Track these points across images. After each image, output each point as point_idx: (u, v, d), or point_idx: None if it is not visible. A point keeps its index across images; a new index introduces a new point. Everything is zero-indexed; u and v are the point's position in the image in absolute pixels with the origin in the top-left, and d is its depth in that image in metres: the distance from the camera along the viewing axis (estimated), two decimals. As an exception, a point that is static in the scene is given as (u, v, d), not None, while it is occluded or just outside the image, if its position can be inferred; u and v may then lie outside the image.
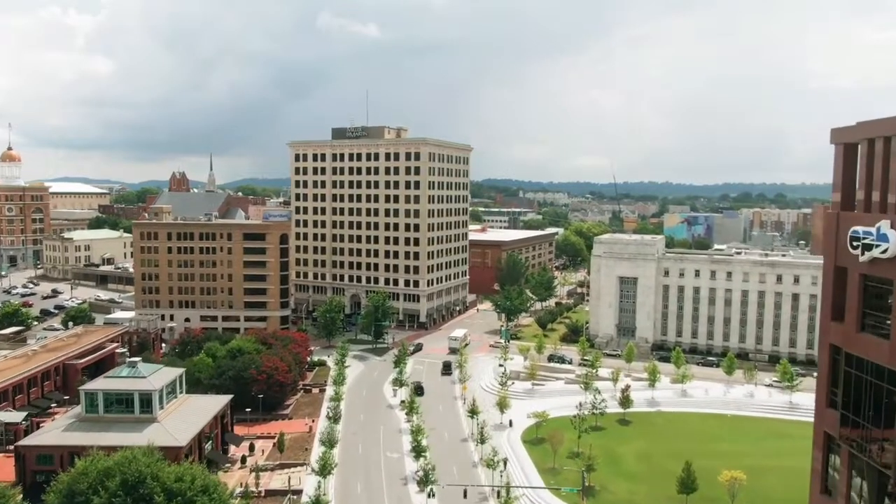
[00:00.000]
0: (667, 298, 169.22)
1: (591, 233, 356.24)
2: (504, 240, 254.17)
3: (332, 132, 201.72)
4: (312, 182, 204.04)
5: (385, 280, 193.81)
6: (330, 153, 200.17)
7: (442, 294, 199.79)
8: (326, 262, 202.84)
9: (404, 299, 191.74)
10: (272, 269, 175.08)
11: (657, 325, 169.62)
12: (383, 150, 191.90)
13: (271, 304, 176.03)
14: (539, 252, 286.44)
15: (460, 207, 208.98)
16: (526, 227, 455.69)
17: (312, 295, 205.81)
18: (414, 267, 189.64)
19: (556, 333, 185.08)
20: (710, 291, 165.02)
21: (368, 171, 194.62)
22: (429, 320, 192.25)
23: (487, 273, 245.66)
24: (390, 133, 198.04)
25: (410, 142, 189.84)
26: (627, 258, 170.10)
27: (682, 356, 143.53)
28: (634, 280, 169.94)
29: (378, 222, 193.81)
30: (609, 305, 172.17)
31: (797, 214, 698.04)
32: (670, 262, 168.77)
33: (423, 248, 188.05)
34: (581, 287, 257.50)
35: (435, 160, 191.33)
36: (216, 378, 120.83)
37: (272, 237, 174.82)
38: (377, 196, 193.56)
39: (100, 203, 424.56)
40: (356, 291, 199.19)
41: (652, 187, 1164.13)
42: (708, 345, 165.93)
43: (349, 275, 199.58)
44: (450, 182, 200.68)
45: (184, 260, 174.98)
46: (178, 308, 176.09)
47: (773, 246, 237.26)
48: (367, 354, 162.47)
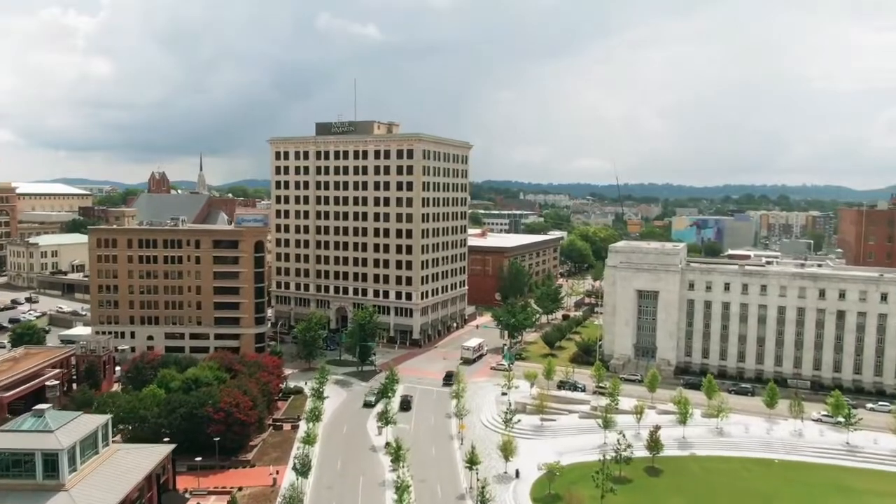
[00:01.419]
0: (691, 315, 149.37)
1: (596, 237, 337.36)
2: (506, 246, 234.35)
3: (316, 127, 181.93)
4: (294, 183, 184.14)
5: (374, 292, 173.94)
6: (313, 151, 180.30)
7: (438, 307, 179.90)
8: (310, 272, 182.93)
9: (396, 313, 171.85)
10: (246, 281, 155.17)
11: (680, 345, 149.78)
12: (372, 147, 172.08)
13: (245, 319, 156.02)
14: (543, 258, 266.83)
15: (458, 211, 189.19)
16: (528, 230, 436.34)
17: (294, 308, 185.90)
18: (406, 278, 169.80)
19: (566, 352, 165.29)
20: (742, 307, 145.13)
21: (356, 171, 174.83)
22: (423, 337, 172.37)
23: (488, 282, 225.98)
24: (380, 128, 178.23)
25: (403, 138, 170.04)
26: (647, 269, 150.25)
27: (714, 385, 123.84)
28: (655, 294, 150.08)
29: (367, 228, 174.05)
30: (626, 323, 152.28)
31: (805, 217, 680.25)
32: (696, 274, 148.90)
33: (416, 256, 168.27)
34: (590, 297, 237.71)
35: (430, 158, 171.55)
36: (165, 416, 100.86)
37: (246, 244, 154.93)
38: (366, 198, 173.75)
39: (81, 205, 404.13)
40: (342, 304, 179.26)
41: (652, 189, 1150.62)
42: (738, 368, 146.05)
43: (335, 286, 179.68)
44: (447, 183, 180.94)
45: (146, 270, 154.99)
46: (140, 325, 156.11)
47: (806, 254, 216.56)
48: (350, 380, 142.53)
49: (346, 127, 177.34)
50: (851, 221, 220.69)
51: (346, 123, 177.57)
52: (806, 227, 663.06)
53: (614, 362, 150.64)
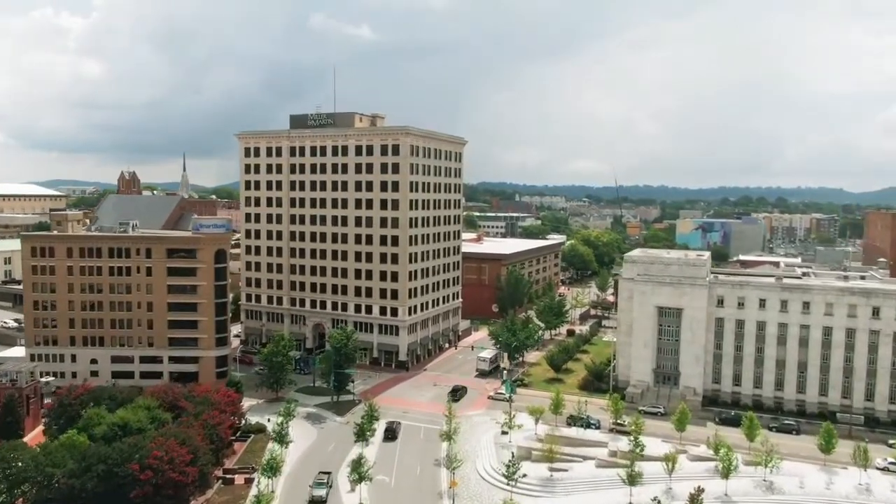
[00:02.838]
0: (721, 336, 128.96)
1: (599, 241, 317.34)
2: (504, 252, 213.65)
3: (291, 120, 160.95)
4: (266, 183, 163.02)
5: (356, 307, 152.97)
6: (287, 146, 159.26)
7: (428, 324, 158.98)
8: (283, 284, 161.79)
9: (380, 331, 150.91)
10: (205, 296, 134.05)
11: (708, 370, 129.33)
12: (353, 142, 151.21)
13: (204, 340, 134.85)
14: (544, 265, 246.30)
15: (451, 214, 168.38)
16: (525, 233, 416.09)
17: (266, 324, 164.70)
18: (392, 291, 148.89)
19: (573, 376, 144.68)
20: (780, 327, 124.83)
21: (335, 169, 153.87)
22: (411, 358, 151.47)
23: (485, 292, 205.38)
24: (362, 121, 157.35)
25: (388, 131, 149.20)
26: (669, 283, 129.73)
27: (757, 424, 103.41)
28: (678, 312, 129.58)
29: (347, 234, 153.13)
30: (644, 344, 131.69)
31: (809, 220, 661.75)
32: (726, 289, 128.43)
33: (403, 266, 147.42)
34: (595, 308, 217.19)
35: (419, 155, 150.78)
36: (78, 476, 79.70)
37: (205, 253, 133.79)
38: (346, 200, 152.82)
39: (53, 207, 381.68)
40: (320, 320, 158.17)
41: (648, 191, 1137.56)
42: (776, 398, 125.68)
43: (311, 299, 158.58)
44: (438, 183, 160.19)
45: (89, 283, 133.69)
46: (82, 346, 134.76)
47: (844, 264, 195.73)
48: (324, 413, 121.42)
49: (324, 119, 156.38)
50: (885, 226, 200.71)
51: (324, 116, 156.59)
52: (810, 230, 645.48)
53: (631, 391, 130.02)
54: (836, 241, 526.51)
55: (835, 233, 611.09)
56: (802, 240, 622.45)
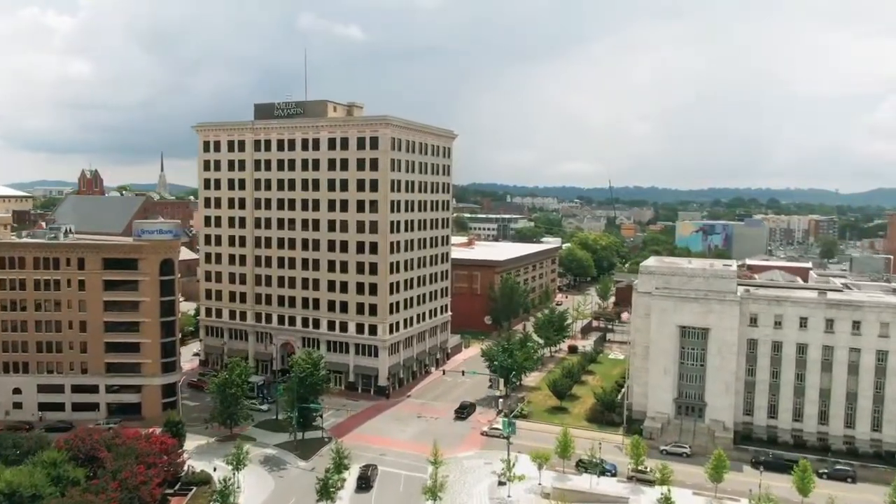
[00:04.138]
0: (754, 360, 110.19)
1: (597, 245, 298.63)
2: (498, 259, 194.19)
3: (255, 110, 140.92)
4: (228, 182, 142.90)
5: (329, 324, 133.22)
6: (251, 139, 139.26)
7: (412, 342, 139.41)
8: (247, 296, 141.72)
9: (357, 352, 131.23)
10: (149, 314, 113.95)
11: (739, 401, 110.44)
12: (326, 135, 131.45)
13: (148, 366, 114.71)
14: (540, 272, 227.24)
15: (439, 217, 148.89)
16: (518, 236, 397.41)
17: (229, 342, 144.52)
18: (370, 305, 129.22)
19: (579, 405, 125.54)
20: (825, 351, 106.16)
21: (305, 166, 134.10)
22: (392, 382, 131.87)
23: (477, 303, 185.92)
24: (337, 111, 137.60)
25: (365, 121, 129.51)
26: (693, 298, 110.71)
27: (811, 474, 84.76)
28: (704, 332, 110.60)
29: (319, 240, 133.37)
30: (664, 370, 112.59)
31: (808, 221, 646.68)
32: (760, 305, 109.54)
33: (383, 277, 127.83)
34: (598, 320, 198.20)
35: (402, 149, 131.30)
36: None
37: (148, 264, 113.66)
38: (317, 202, 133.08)
39: (17, 208, 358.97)
40: (289, 338, 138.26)
41: (638, 192, 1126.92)
42: (820, 434, 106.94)
43: (279, 315, 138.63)
44: (423, 181, 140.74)
45: (10, 299, 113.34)
46: (3, 374, 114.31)
47: (884, 273, 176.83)
48: (286, 457, 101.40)
49: (293, 109, 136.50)
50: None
51: (293, 104, 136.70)
52: (808, 232, 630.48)
53: (649, 424, 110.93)
54: (839, 242, 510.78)
55: (834, 234, 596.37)
56: (801, 242, 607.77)
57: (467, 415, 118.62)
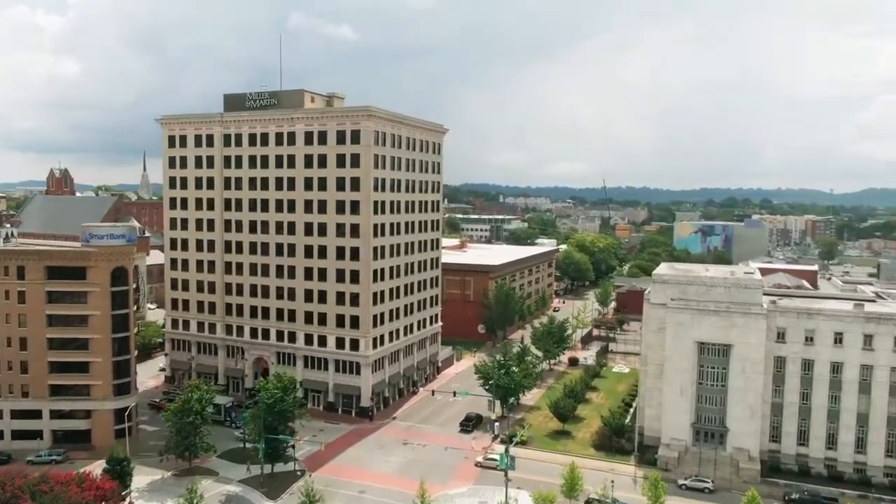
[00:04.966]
0: (781, 381, 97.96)
1: (595, 247, 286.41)
2: (492, 263, 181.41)
3: (225, 101, 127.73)
4: (195, 180, 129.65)
5: (306, 337, 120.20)
6: (220, 133, 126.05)
7: (399, 357, 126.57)
8: (217, 307, 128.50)
9: (337, 369, 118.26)
10: (99, 329, 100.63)
11: (765, 426, 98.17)
12: (302, 128, 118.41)
13: (98, 389, 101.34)
14: (537, 276, 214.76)
15: (428, 219, 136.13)
16: (512, 237, 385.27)
17: (197, 356, 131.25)
18: (352, 317, 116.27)
19: (583, 427, 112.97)
20: (863, 370, 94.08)
21: (279, 163, 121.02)
22: (376, 403, 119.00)
23: (469, 310, 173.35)
24: (315, 101, 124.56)
25: (345, 113, 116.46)
26: (714, 311, 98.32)
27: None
28: (725, 349, 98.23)
29: (295, 245, 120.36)
30: (680, 391, 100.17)
31: (805, 221, 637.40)
32: (789, 319, 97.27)
33: (366, 286, 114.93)
34: (599, 328, 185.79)
35: (386, 144, 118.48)
36: None
37: (98, 273, 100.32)
38: (293, 202, 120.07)
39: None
40: (262, 353, 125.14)
41: (631, 192, 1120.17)
42: (857, 464, 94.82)
43: (251, 327, 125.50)
44: (411, 180, 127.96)
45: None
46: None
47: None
48: (249, 494, 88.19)
49: (266, 100, 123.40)
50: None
51: (266, 94, 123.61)
52: (805, 233, 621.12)
53: (664, 453, 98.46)
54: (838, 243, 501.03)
55: (832, 235, 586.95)
56: (798, 243, 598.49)
57: (473, 427, 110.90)
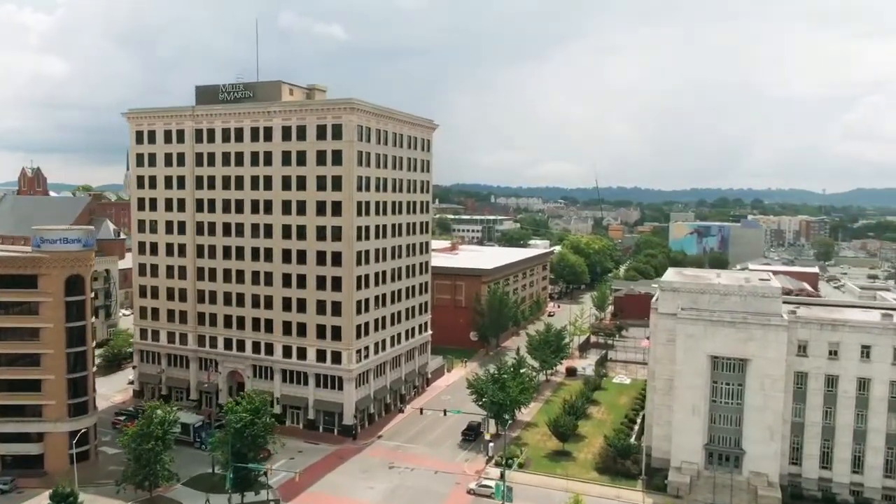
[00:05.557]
0: (803, 398, 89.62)
1: (590, 249, 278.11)
2: (485, 267, 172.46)
3: (197, 93, 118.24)
4: (165, 179, 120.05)
5: (285, 349, 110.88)
6: (191, 128, 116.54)
7: (385, 370, 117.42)
8: (188, 316, 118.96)
9: (318, 384, 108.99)
10: (51, 343, 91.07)
11: (785, 447, 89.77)
12: (280, 122, 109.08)
13: (52, 409, 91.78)
14: (531, 280, 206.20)
15: (417, 221, 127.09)
16: (504, 238, 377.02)
17: (168, 369, 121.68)
18: (333, 328, 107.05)
19: (585, 446, 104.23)
20: (893, 387, 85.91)
21: (255, 160, 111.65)
22: (360, 420, 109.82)
23: (461, 316, 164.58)
24: (294, 94, 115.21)
25: (326, 105, 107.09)
26: (729, 322, 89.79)
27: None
28: (741, 364, 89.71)
29: (272, 249, 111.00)
30: (692, 409, 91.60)
31: (799, 222, 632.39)
32: (812, 330, 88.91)
33: (349, 293, 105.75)
34: (597, 335, 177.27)
35: (371, 139, 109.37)
36: None
37: (50, 281, 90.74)
38: (270, 203, 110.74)
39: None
40: (237, 366, 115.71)
41: (622, 193, 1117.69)
42: (886, 489, 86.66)
43: (225, 338, 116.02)
44: (398, 179, 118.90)
45: None
46: None
47: None
48: (216, 532, 79.17)
49: (241, 92, 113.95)
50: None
51: (241, 87, 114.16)
52: (799, 233, 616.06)
53: (675, 479, 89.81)
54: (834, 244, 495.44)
55: (825, 235, 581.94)
56: (792, 243, 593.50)
57: (475, 436, 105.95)
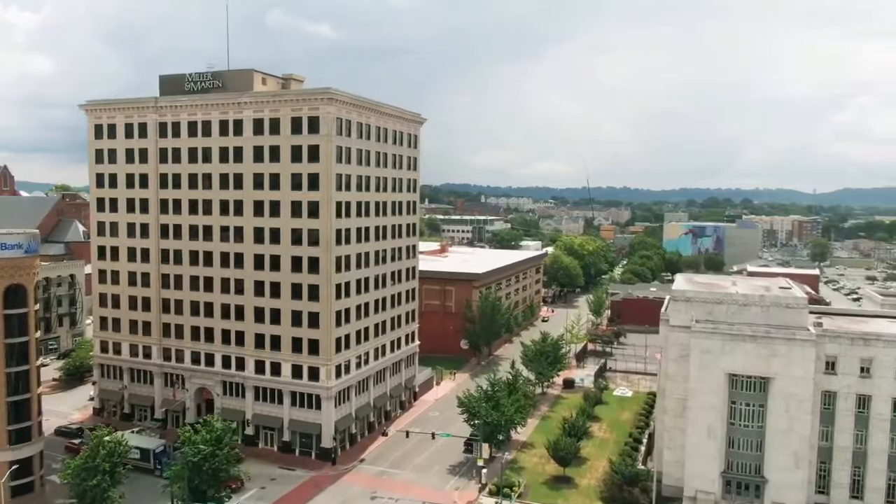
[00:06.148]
0: (831, 420, 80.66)
1: (584, 250, 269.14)
2: (476, 272, 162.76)
3: (161, 83, 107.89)
4: (126, 178, 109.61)
5: (257, 364, 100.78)
6: (154, 122, 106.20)
7: (368, 385, 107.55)
8: (152, 327, 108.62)
9: (293, 402, 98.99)
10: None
11: (812, 474, 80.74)
12: (251, 114, 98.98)
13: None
14: (524, 283, 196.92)
15: (403, 223, 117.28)
16: (495, 239, 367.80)
17: (130, 385, 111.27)
18: (310, 341, 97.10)
19: (588, 472, 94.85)
20: (933, 409, 77.07)
21: (224, 156, 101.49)
22: (340, 442, 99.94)
23: (450, 323, 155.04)
24: (267, 83, 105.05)
25: (301, 96, 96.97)
26: (750, 336, 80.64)
27: None
28: (763, 383, 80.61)
29: (243, 254, 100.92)
30: (708, 433, 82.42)
31: (792, 222, 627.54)
32: (842, 346, 79.92)
33: (327, 303, 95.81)
34: (595, 343, 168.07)
35: (352, 133, 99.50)
36: None
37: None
38: (240, 204, 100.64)
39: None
40: (206, 383, 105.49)
41: (611, 192, 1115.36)
42: (925, 522, 77.83)
43: (193, 352, 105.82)
44: (382, 177, 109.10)
45: None
46: None
47: None
48: (169, 582, 69.12)
49: (209, 82, 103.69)
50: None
51: (209, 76, 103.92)
52: (792, 234, 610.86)
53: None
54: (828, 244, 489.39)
55: (818, 235, 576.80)
56: (785, 244, 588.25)
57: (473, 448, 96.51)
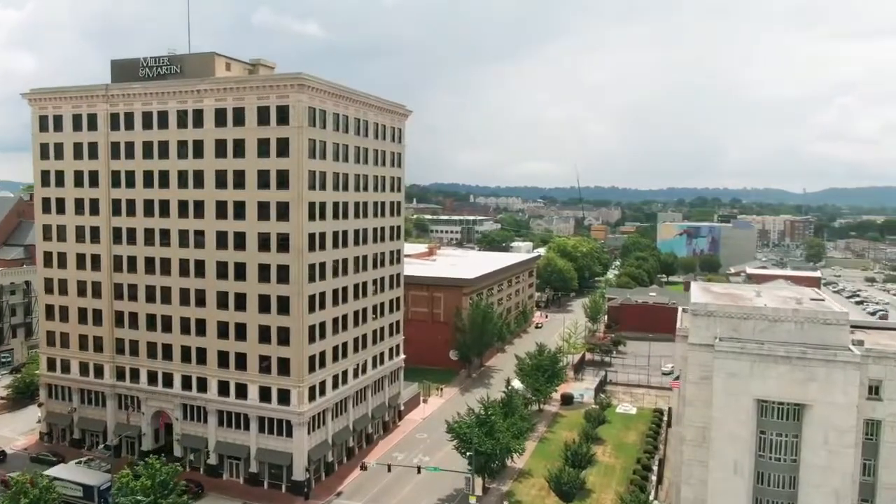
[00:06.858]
0: (874, 452, 70.28)
1: (577, 252, 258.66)
2: (466, 277, 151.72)
3: (112, 69, 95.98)
4: (74, 175, 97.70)
5: (221, 385, 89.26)
6: (105, 112, 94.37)
7: (346, 407, 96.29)
8: (104, 343, 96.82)
9: (261, 429, 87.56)
10: None
11: (853, 516, 70.38)
12: (212, 103, 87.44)
13: None
14: (517, 288, 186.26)
15: (386, 226, 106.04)
16: (485, 240, 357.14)
17: (81, 407, 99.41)
18: (280, 360, 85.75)
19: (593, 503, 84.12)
20: None
21: (183, 152, 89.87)
22: (316, 469, 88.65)
23: (439, 333, 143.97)
24: (231, 68, 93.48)
25: (270, 82, 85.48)
26: (784, 357, 70.07)
27: None
28: (797, 410, 70.09)
29: (205, 261, 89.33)
30: (734, 467, 71.77)
31: (784, 222, 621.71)
32: (888, 367, 69.53)
33: (298, 316, 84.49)
34: (592, 352, 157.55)
35: (327, 125, 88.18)
36: None
37: None
38: (201, 205, 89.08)
39: None
40: (164, 406, 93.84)
41: (599, 192, 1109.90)
42: (984, 571, 67.54)
43: (150, 370, 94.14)
44: (362, 174, 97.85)
45: None
46: None
47: None
48: None
49: (165, 67, 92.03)
50: None
51: (166, 60, 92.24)
52: (784, 233, 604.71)
53: (715, 558, 69.97)
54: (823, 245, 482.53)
55: (810, 235, 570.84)
56: (777, 244, 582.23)
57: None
